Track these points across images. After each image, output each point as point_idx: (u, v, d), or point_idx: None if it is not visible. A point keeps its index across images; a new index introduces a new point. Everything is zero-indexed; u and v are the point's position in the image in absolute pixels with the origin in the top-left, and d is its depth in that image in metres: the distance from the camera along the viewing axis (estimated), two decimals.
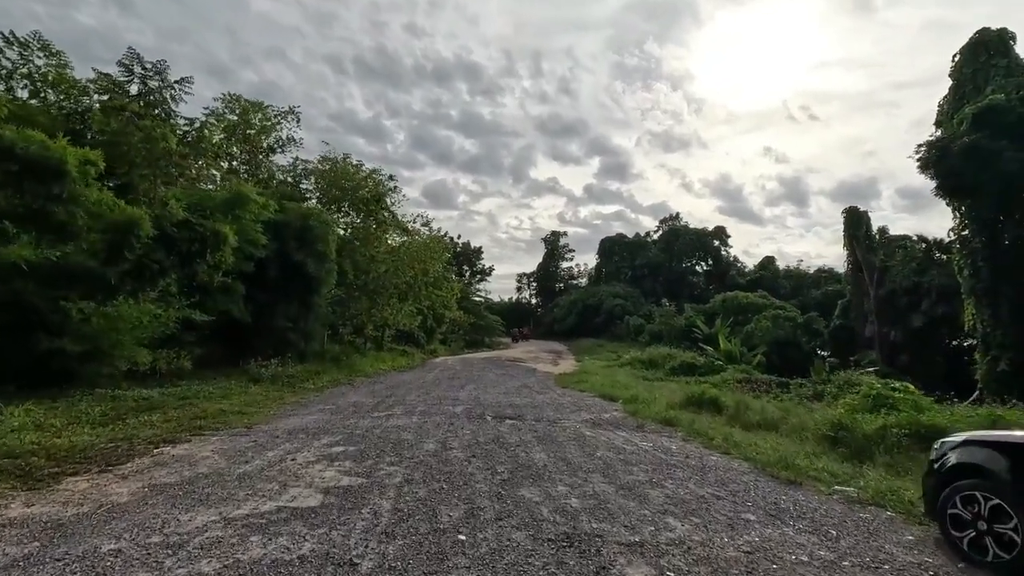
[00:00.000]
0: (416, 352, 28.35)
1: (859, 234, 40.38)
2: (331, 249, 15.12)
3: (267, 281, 14.10)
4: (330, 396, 11.48)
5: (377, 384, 14.51)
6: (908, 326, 35.96)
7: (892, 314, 36.79)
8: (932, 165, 23.63)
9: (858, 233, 40.36)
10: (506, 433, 7.89)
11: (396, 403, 10.75)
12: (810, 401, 16.54)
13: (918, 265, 37.10)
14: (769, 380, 20.49)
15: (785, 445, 8.28)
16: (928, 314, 34.49)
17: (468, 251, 66.04)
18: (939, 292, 34.86)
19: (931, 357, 33.91)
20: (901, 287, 36.29)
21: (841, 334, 39.61)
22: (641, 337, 45.58)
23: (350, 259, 18.06)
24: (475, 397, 12.48)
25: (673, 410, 11.49)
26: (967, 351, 35.98)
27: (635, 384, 17.70)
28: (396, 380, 15.91)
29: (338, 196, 18.52)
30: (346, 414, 9.04)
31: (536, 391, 15.03)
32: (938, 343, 35.28)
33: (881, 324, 37.51)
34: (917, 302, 35.19)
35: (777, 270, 64.19)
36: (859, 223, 40.74)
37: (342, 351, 20.83)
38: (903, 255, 39.10)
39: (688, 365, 25.27)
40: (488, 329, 44.29)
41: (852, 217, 40.90)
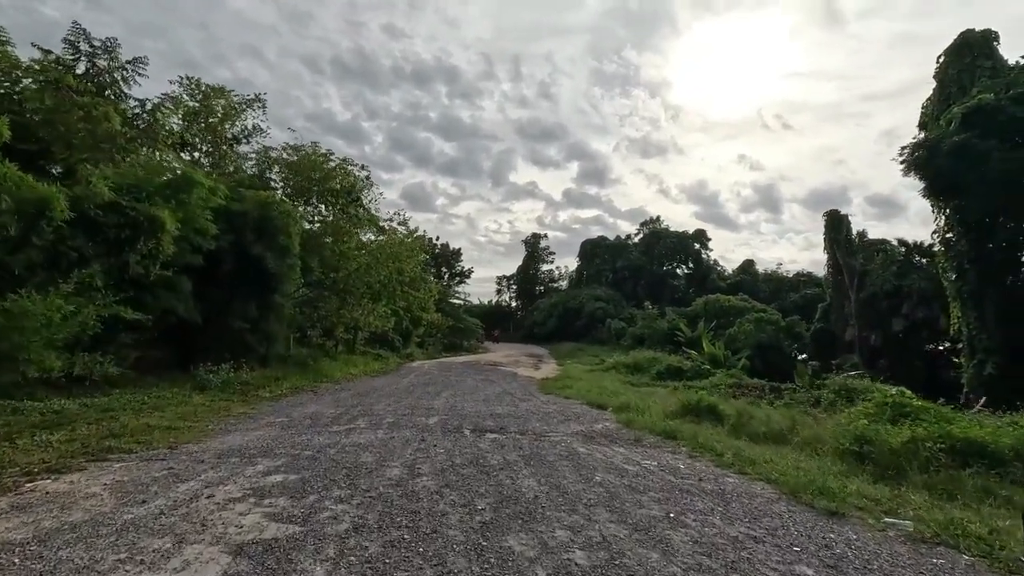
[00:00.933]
0: (391, 356, 26.93)
1: (839, 237, 40.30)
2: (294, 243, 13.75)
3: (220, 277, 12.66)
4: (286, 406, 10.13)
5: (344, 391, 13.16)
6: (888, 330, 35.90)
7: (872, 318, 36.68)
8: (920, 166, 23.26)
9: (838, 236, 40.27)
10: (487, 451, 6.70)
11: (361, 414, 9.46)
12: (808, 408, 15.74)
13: (898, 269, 37.11)
14: (761, 385, 19.69)
15: (804, 462, 7.27)
16: (909, 318, 34.44)
17: (447, 253, 64.61)
18: (920, 296, 34.85)
19: (911, 361, 33.83)
20: (882, 291, 36.21)
21: (822, 337, 39.43)
22: (623, 341, 44.87)
23: (318, 255, 16.66)
24: (452, 406, 11.26)
25: (670, 420, 10.47)
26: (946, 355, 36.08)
27: (623, 390, 16.67)
28: (366, 386, 14.57)
29: (306, 187, 17.09)
30: (299, 429, 7.74)
31: (519, 398, 13.88)
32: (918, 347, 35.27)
33: (861, 328, 37.39)
34: (897, 306, 35.12)
35: (757, 274, 64.36)
36: (839, 227, 40.67)
37: (310, 355, 19.37)
38: (883, 259, 39.13)
39: (674, 369, 24.42)
40: (467, 332, 42.99)
41: (833, 220, 40.81)
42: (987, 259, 22.21)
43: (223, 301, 12.86)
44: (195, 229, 10.71)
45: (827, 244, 40.88)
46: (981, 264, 22.27)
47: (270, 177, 17.07)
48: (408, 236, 21.61)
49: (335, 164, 17.54)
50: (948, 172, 21.70)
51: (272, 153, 17.39)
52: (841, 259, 39.63)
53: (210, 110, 19.70)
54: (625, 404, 12.75)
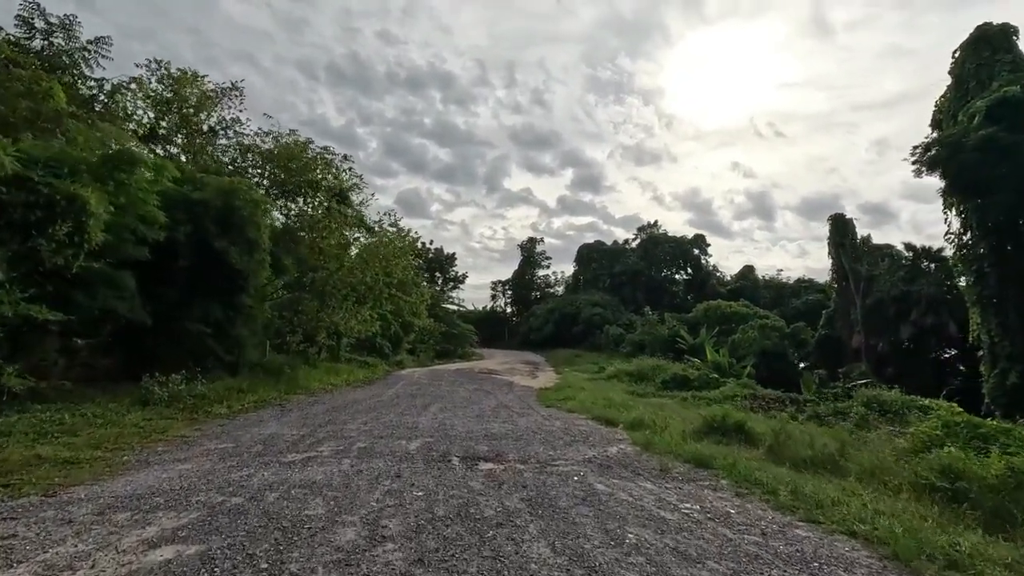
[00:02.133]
0: (380, 364, 25.25)
1: (845, 242, 39.06)
2: (263, 236, 12.16)
3: (177, 273, 11.07)
4: (241, 425, 8.51)
5: (317, 405, 11.54)
6: (896, 337, 34.64)
7: (879, 324, 35.41)
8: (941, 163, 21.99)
9: (844, 241, 39.04)
10: (481, 493, 5.14)
11: (329, 436, 7.87)
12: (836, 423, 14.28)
13: (906, 274, 35.87)
14: (778, 396, 18.21)
15: (880, 502, 5.75)
16: (917, 325, 33.15)
17: (440, 257, 63.10)
18: (928, 302, 33.60)
19: (919, 369, 32.54)
20: (889, 296, 34.95)
21: (826, 344, 38.11)
22: (622, 347, 43.43)
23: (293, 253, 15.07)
24: (440, 424, 9.67)
25: (694, 441, 8.95)
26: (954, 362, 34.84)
27: (630, 402, 15.10)
28: (345, 399, 12.96)
29: (283, 179, 15.52)
30: (242, 459, 6.14)
31: (516, 412, 12.32)
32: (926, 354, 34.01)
33: (868, 335, 36.12)
34: (905, 312, 33.85)
35: (757, 280, 63.14)
36: (844, 231, 39.46)
37: (287, 363, 17.71)
38: (889, 264, 37.92)
39: (681, 378, 22.89)
40: (461, 338, 41.34)
41: (837, 224, 39.60)
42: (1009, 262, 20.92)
43: (179, 301, 11.25)
44: (139, 216, 9.13)
45: (831, 249, 39.64)
46: (1002, 267, 20.98)
47: (244, 167, 15.46)
48: (398, 237, 19.93)
49: (315, 154, 15.99)
50: (973, 167, 20.39)
51: (245, 140, 15.82)
52: (846, 264, 38.36)
53: (182, 99, 18.11)
54: (637, 420, 11.23)
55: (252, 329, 13.64)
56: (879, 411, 14.16)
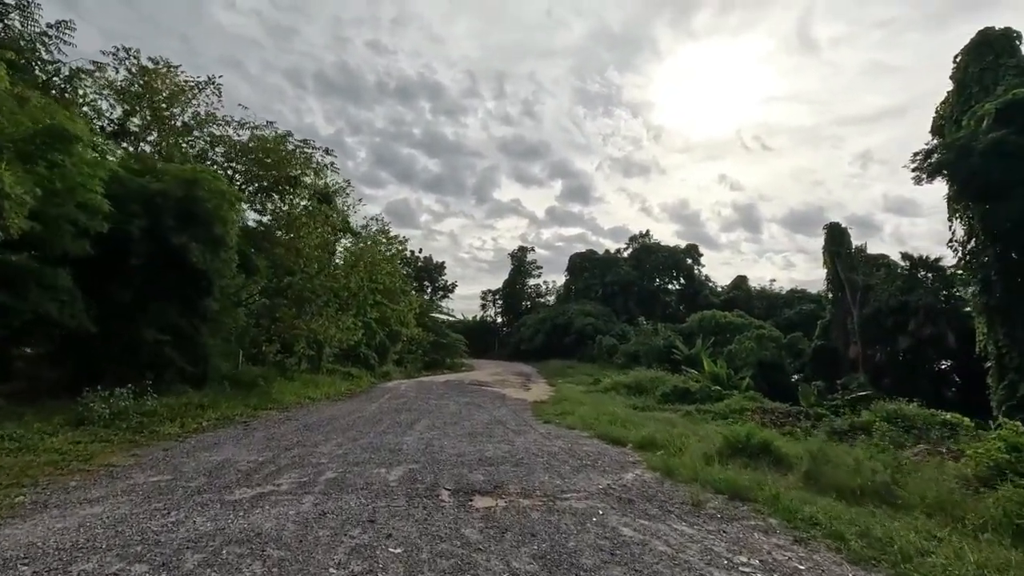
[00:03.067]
0: (364, 375, 23.85)
1: (841, 251, 38.48)
2: (230, 232, 10.86)
3: (128, 273, 9.76)
4: (190, 449, 7.20)
5: (288, 423, 10.22)
6: (894, 347, 33.99)
7: (877, 334, 34.76)
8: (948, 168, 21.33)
9: (840, 250, 38.45)
10: (479, 548, 3.94)
11: (294, 462, 6.59)
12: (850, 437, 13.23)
13: (903, 284, 35.27)
14: (789, 410, 17.15)
15: (977, 550, 4.62)
16: (915, 335, 32.50)
17: (429, 266, 61.84)
18: (926, 312, 32.99)
19: (917, 380, 31.85)
20: (886, 306, 34.31)
21: (822, 355, 37.35)
22: (615, 358, 42.36)
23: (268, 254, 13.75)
24: (427, 444, 8.43)
25: (718, 465, 7.83)
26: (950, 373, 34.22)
27: (634, 417, 13.93)
28: (321, 415, 11.64)
29: (259, 174, 14.22)
30: (174, 498, 4.87)
31: (512, 429, 11.10)
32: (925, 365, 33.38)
33: (865, 345, 35.45)
34: (903, 322, 33.18)
35: (750, 290, 62.56)
36: (841, 240, 38.88)
37: (263, 374, 16.35)
38: (886, 274, 37.38)
39: (681, 391, 21.75)
40: (450, 349, 39.97)
41: (833, 233, 39.04)
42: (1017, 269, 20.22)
43: (133, 305, 9.92)
44: (79, 204, 7.86)
45: (827, 258, 39.02)
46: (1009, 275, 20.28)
47: (214, 159, 14.12)
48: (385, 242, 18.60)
49: (293, 147, 14.71)
50: (982, 172, 19.69)
51: (215, 130, 14.45)
52: (843, 274, 37.73)
53: (154, 91, 16.79)
54: (648, 439, 10.08)
55: (220, 337, 12.31)
56: (904, 428, 13.13)
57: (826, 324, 38.98)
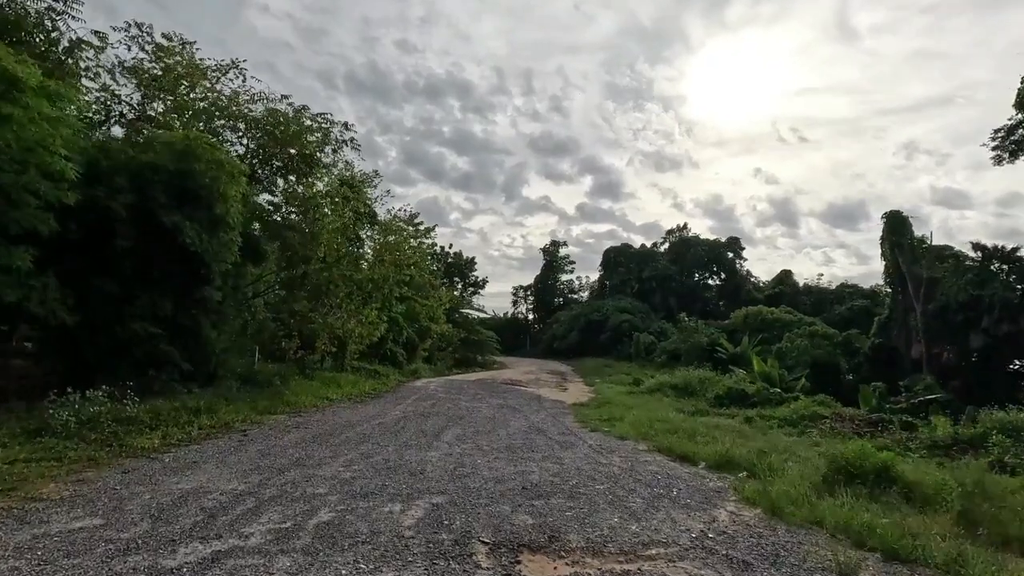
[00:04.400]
0: (392, 373, 22.51)
1: (903, 242, 35.25)
2: (231, 210, 9.45)
3: (114, 257, 8.47)
4: (157, 471, 5.73)
5: (297, 431, 8.75)
6: (964, 346, 30.85)
7: (944, 332, 31.61)
8: None
9: (901, 241, 35.22)
10: None
11: (281, 494, 5.05)
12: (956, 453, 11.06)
13: (975, 277, 31.91)
14: (870, 418, 14.90)
15: None
16: (989, 333, 29.29)
17: (460, 261, 60.59)
18: (1002, 307, 29.72)
19: (990, 383, 28.73)
20: (955, 302, 31.05)
21: (881, 354, 34.31)
22: (654, 356, 40.16)
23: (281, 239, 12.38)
24: (457, 463, 6.80)
25: (832, 497, 5.99)
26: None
27: (693, 425, 11.98)
28: (336, 421, 10.18)
29: (274, 151, 12.81)
30: (80, 564, 3.34)
31: (556, 440, 9.41)
32: (1000, 366, 30.11)
33: (930, 344, 32.36)
34: (975, 319, 29.96)
35: (796, 284, 59.05)
36: (902, 229, 35.58)
37: (280, 372, 15.10)
38: (954, 266, 34.04)
39: (737, 393, 19.62)
40: (481, 346, 38.46)
41: (893, 222, 35.73)
42: None
43: (120, 294, 8.62)
44: (39, 169, 6.53)
45: (886, 250, 35.78)
46: None
47: (224, 136, 12.74)
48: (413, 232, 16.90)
49: (308, 123, 13.20)
50: None
51: (222, 103, 13.00)
52: (904, 266, 34.47)
53: (175, 75, 15.56)
54: (724, 456, 8.25)
55: (227, 332, 11.01)
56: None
57: (884, 321, 35.88)
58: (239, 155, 12.70)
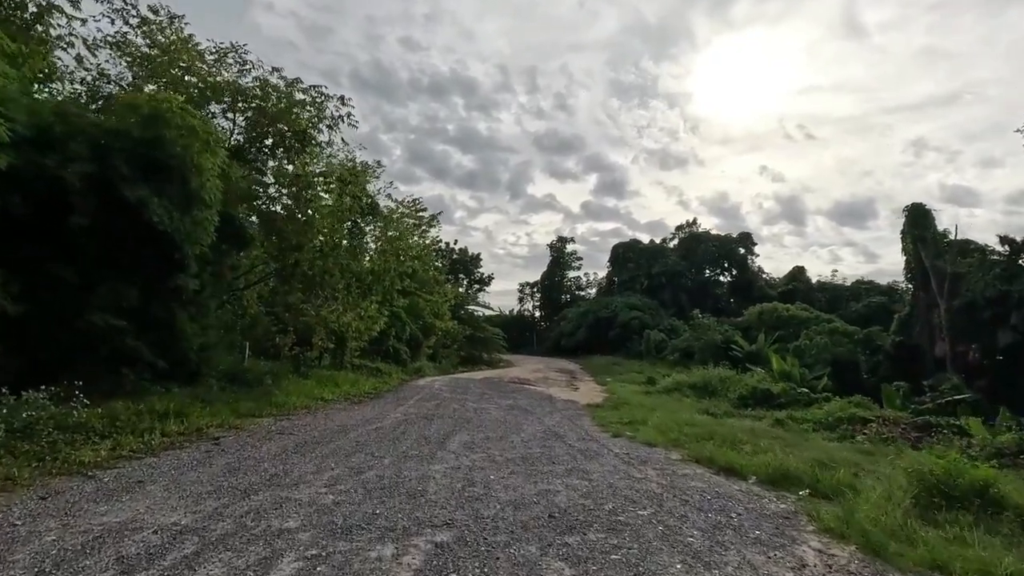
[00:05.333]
0: (395, 371, 21.37)
1: (926, 235, 33.74)
2: (207, 185, 8.24)
3: (70, 238, 7.32)
4: (84, 498, 4.48)
5: (279, 439, 7.58)
6: (992, 344, 29.41)
7: (970, 330, 30.18)
8: None
9: (924, 234, 33.70)
10: None
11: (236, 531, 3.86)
12: None
13: (1003, 271, 30.40)
14: (914, 421, 13.60)
15: None
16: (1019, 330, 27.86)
17: (465, 258, 59.49)
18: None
19: (1020, 382, 27.32)
20: (983, 297, 29.57)
21: (902, 353, 32.88)
22: (666, 355, 38.91)
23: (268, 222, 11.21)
24: (466, 480, 5.61)
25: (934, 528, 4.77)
26: None
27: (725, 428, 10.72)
28: (328, 425, 9.01)
29: (264, 127, 11.59)
30: None
31: (577, 448, 8.21)
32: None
33: (955, 342, 30.92)
34: (1004, 315, 28.52)
35: (809, 281, 57.51)
36: (925, 223, 34.05)
37: (273, 370, 13.98)
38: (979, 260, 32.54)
39: (762, 393, 18.37)
40: (487, 343, 37.27)
41: (916, 215, 34.15)
42: None
43: (78, 282, 7.48)
44: None
45: (908, 244, 34.23)
46: None
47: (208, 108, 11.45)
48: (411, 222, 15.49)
49: (302, 96, 11.93)
50: None
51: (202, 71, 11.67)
52: (927, 261, 32.92)
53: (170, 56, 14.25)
54: (779, 469, 7.05)
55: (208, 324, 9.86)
56: None
57: (905, 318, 34.42)
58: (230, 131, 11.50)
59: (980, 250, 34.68)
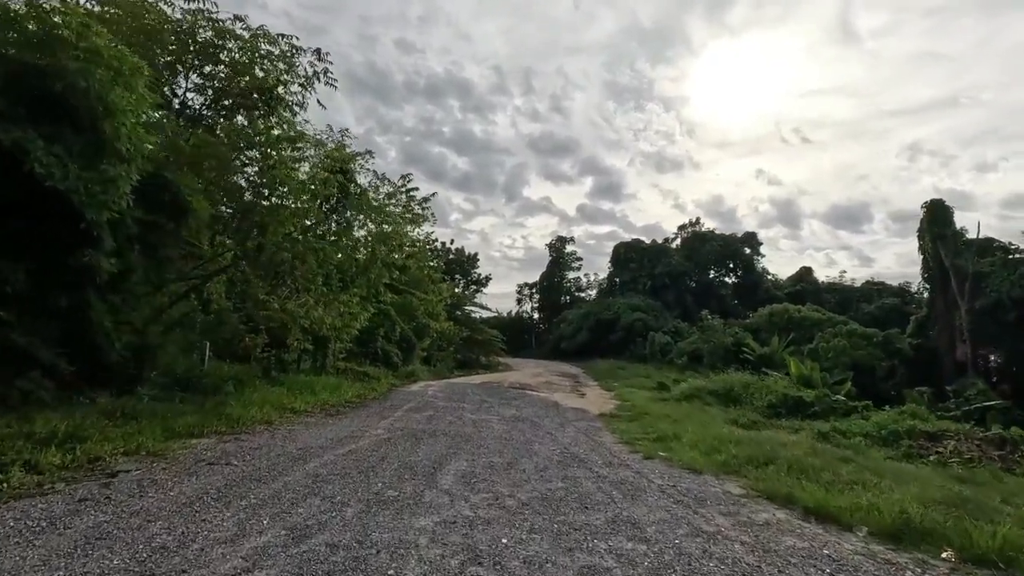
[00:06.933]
0: (384, 375, 19.28)
1: (946, 233, 31.96)
2: (123, 131, 6.10)
3: None
4: None
5: (209, 472, 5.57)
6: (1016, 347, 27.69)
7: (992, 332, 28.45)
8: None
9: (944, 232, 31.92)
10: None
11: None
12: None
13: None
14: (986, 435, 11.66)
15: None
16: None
17: (462, 258, 57.47)
18: None
19: None
20: (1008, 298, 27.83)
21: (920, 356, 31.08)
22: (672, 358, 37.02)
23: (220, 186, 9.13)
24: (464, 551, 3.61)
25: None
26: None
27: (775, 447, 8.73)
28: (287, 448, 6.99)
29: (222, 81, 9.51)
30: None
31: (607, 478, 6.21)
32: None
33: (976, 345, 29.15)
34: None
35: (816, 282, 55.84)
36: (944, 220, 32.29)
37: (238, 375, 11.96)
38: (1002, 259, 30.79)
39: (793, 401, 16.43)
40: (485, 346, 35.21)
41: (935, 213, 32.38)
42: None
43: None
44: None
45: (927, 242, 32.45)
46: None
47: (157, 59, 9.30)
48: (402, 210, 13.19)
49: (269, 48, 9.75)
50: None
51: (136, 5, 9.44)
52: (947, 260, 31.11)
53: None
54: (896, 516, 5.12)
55: (141, 318, 7.83)
56: None
57: (922, 320, 32.71)
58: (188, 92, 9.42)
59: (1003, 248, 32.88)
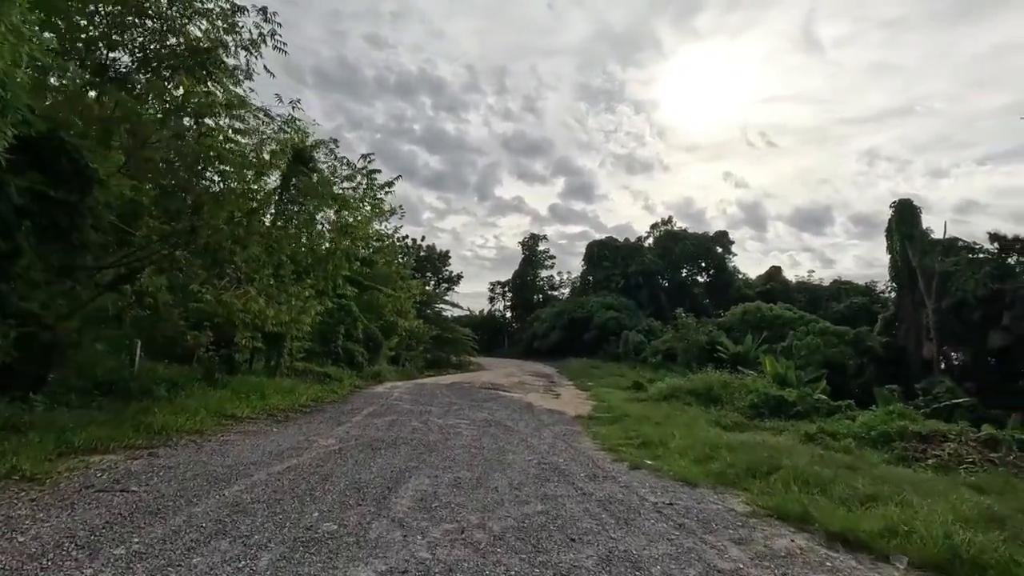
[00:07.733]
0: (347, 376, 17.96)
1: (914, 233, 32.35)
2: None
3: None
4: None
5: (92, 504, 4.40)
6: (982, 346, 28.08)
7: (958, 330, 28.83)
8: None
9: (912, 232, 32.31)
10: None
11: None
12: None
13: (994, 270, 29.10)
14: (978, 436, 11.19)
15: None
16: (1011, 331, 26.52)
17: (433, 255, 56.06)
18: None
19: (1009, 384, 25.99)
20: (973, 297, 28.19)
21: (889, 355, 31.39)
22: (645, 356, 36.61)
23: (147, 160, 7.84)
24: None
25: None
26: None
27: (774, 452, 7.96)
28: (211, 466, 5.83)
29: (148, 45, 8.17)
30: None
31: (593, 495, 5.25)
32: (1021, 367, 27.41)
33: (942, 343, 29.54)
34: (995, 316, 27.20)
35: (787, 281, 56.50)
36: (912, 220, 32.69)
37: (176, 377, 10.61)
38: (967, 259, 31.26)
39: (775, 401, 15.81)
40: (456, 345, 34.06)
41: (903, 212, 32.77)
42: None
43: None
44: None
45: (894, 242, 32.80)
46: None
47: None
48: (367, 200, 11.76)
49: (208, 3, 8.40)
50: None
51: None
52: (915, 259, 31.45)
53: None
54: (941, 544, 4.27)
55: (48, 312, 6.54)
56: None
57: (890, 318, 33.11)
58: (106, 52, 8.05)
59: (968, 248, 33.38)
